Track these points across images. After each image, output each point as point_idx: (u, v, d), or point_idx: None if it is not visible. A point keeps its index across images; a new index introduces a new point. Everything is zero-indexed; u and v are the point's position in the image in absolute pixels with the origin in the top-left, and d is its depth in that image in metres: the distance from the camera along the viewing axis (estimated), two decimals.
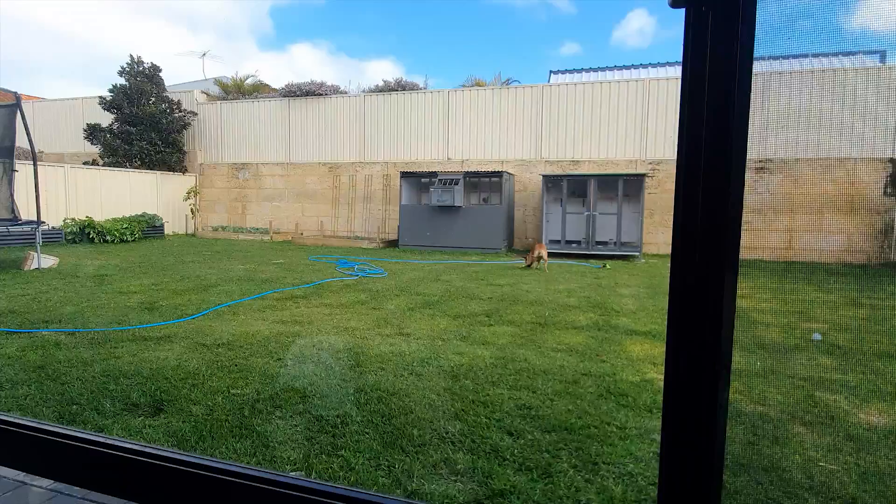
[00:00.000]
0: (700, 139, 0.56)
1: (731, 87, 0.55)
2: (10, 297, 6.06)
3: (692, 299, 0.57)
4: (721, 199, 0.56)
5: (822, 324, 5.17)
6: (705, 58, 0.56)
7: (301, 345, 4.28)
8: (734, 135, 0.56)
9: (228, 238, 15.43)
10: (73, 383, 3.29)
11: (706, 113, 0.56)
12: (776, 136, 5.89)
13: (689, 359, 0.56)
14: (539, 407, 3.06)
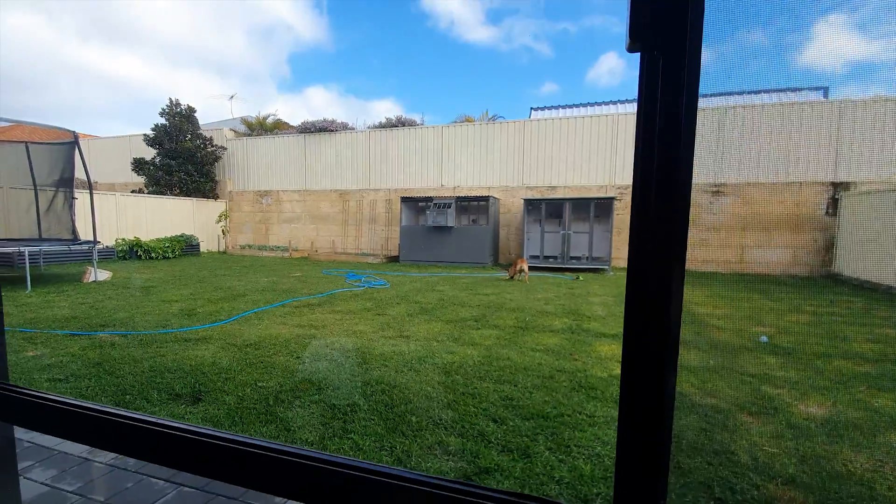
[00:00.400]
0: (651, 167, 0.56)
1: (677, 123, 0.54)
2: (73, 305, 6.07)
3: (645, 303, 0.57)
4: (670, 218, 0.56)
5: (769, 328, 5.23)
6: (655, 96, 0.55)
7: (316, 345, 4.30)
8: (681, 164, 0.56)
9: (254, 255, 15.40)
10: (125, 377, 3.32)
11: (657, 145, 0.55)
12: (729, 163, 5.99)
13: (641, 354, 0.55)
14: (520, 398, 3.10)
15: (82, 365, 3.60)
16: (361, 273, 10.35)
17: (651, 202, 0.57)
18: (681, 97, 0.55)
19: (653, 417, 0.56)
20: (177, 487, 2.13)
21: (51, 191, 8.07)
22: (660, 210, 0.56)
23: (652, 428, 0.56)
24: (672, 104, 0.55)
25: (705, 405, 3.06)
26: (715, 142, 4.62)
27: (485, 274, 10.95)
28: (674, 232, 0.57)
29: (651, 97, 0.56)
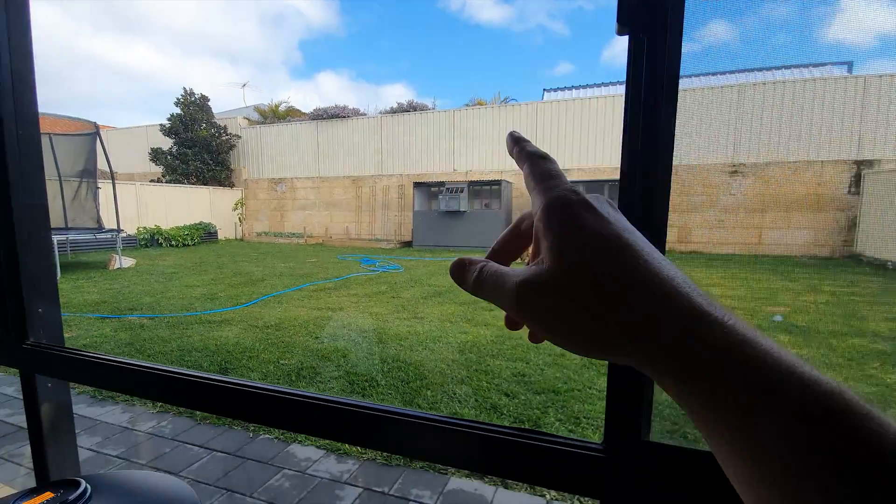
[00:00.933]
0: (637, 148, 0.58)
1: (659, 104, 0.56)
2: (102, 290, 6.33)
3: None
4: (651, 197, 0.57)
5: (785, 307, 5.22)
6: (641, 77, 0.56)
7: (334, 326, 4.45)
8: (662, 145, 0.57)
9: (270, 242, 15.69)
10: (156, 356, 3.52)
11: (641, 126, 0.57)
12: (747, 142, 6.04)
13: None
14: (531, 374, 3.20)
15: (115, 345, 3.82)
16: (375, 258, 10.51)
17: (636, 183, 0.60)
18: (663, 79, 0.56)
19: (634, 379, 0.61)
20: (210, 453, 2.30)
21: (75, 181, 8.34)
22: (645, 190, 0.59)
23: (633, 389, 0.62)
24: (655, 86, 0.57)
25: None
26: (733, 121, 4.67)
27: None
28: (655, 212, 0.60)
29: (636, 81, 0.57)
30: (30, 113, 1.16)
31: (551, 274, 0.23)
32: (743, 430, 0.19)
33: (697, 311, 0.20)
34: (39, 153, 1.19)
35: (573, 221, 0.23)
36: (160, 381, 1.02)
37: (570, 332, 0.22)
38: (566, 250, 0.23)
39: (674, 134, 0.62)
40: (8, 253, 1.13)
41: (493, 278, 0.25)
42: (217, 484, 2.04)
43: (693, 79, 0.69)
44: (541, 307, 0.23)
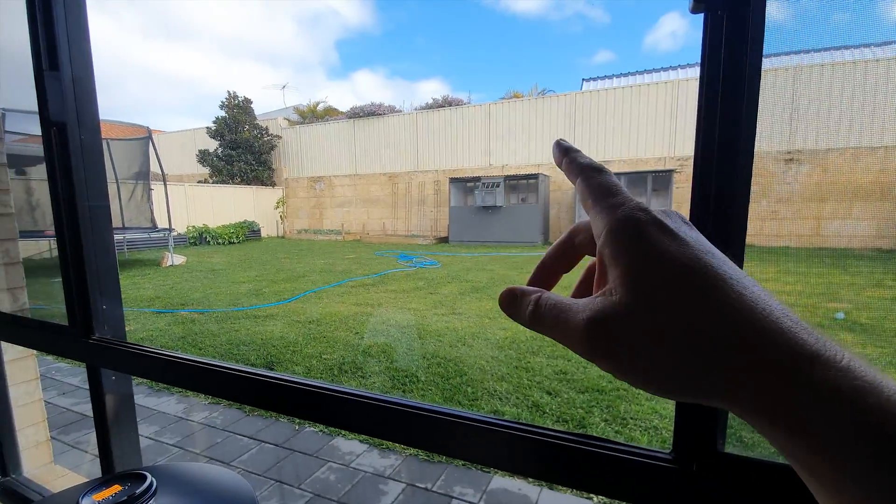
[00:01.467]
0: (713, 134, 0.54)
1: (741, 85, 0.52)
2: (156, 286, 6.70)
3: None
4: (730, 186, 0.54)
5: (846, 303, 4.88)
6: (719, 59, 0.53)
7: (374, 322, 4.52)
8: (743, 129, 0.54)
9: (310, 238, 16.14)
10: (207, 349, 3.70)
11: (719, 110, 0.54)
12: (805, 128, 5.60)
13: None
14: (574, 372, 3.13)
15: (169, 339, 4.03)
16: (412, 254, 10.59)
17: (712, 173, 0.56)
18: (744, 58, 0.52)
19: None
20: (259, 444, 2.39)
21: (131, 183, 8.88)
22: (721, 179, 0.55)
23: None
24: (737, 66, 0.53)
25: None
26: (788, 105, 4.31)
27: (535, 253, 10.85)
28: (734, 203, 0.56)
29: (714, 60, 0.54)
30: (91, 119, 1.21)
31: (628, 309, 0.20)
32: (863, 485, 0.16)
33: (804, 351, 0.18)
34: (101, 157, 1.25)
35: (648, 246, 0.21)
36: (213, 377, 1.05)
37: (653, 375, 0.20)
38: (643, 281, 0.20)
39: (756, 118, 0.56)
40: (75, 252, 1.19)
41: (554, 313, 0.22)
42: (266, 474, 2.11)
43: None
44: (617, 348, 0.20)
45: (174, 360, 1.04)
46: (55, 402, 2.97)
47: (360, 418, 0.89)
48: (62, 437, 2.50)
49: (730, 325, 0.18)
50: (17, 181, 5.68)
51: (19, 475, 1.76)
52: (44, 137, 1.16)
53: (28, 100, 1.18)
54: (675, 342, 0.19)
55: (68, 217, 1.17)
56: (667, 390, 0.20)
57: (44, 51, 1.13)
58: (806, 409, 0.17)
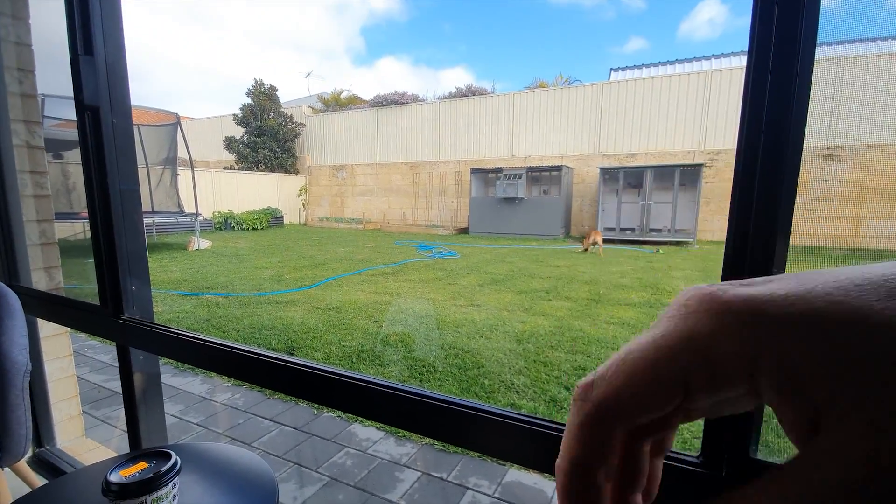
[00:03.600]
0: (760, 125, 0.52)
1: (792, 73, 0.50)
2: (182, 270, 6.90)
3: (744, 272, 0.54)
4: (776, 180, 0.51)
5: None
6: (769, 45, 0.51)
7: (392, 311, 4.55)
8: (792, 124, 0.51)
9: (331, 227, 16.34)
10: (230, 332, 3.79)
11: (767, 99, 0.51)
12: (845, 122, 5.29)
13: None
14: (592, 368, 3.08)
15: (195, 321, 4.15)
16: (432, 244, 10.61)
17: (757, 167, 0.52)
18: (798, 46, 0.49)
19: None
20: (279, 426, 2.44)
21: (160, 168, 9.13)
22: (765, 175, 0.52)
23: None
24: (787, 54, 0.50)
25: None
26: (829, 98, 4.08)
27: (556, 246, 10.74)
28: (779, 201, 0.52)
29: (764, 46, 0.51)
30: (123, 104, 1.23)
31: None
32: None
33: None
34: (132, 142, 1.27)
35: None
36: (236, 360, 1.06)
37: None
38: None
39: (807, 111, 0.53)
40: (106, 235, 1.22)
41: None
42: (285, 457, 2.16)
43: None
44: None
45: (199, 343, 1.06)
46: (87, 378, 3.10)
47: (377, 406, 0.89)
48: (93, 412, 2.61)
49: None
50: (55, 164, 5.89)
51: (53, 446, 1.85)
52: (78, 121, 1.19)
53: (66, 87, 1.21)
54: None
55: (101, 199, 1.21)
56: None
57: (79, 36, 1.15)
58: None
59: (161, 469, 0.71)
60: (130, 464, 0.72)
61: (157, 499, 0.69)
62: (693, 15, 40.68)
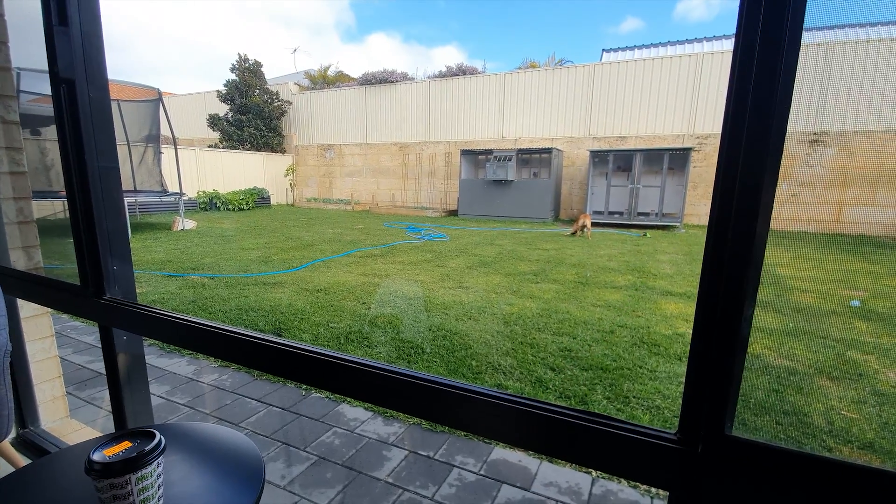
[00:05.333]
0: (745, 109, 0.52)
1: (778, 57, 0.50)
2: (167, 250, 6.79)
3: (722, 259, 0.56)
4: (759, 165, 0.52)
5: (863, 291, 4.81)
6: (756, 27, 0.51)
7: (381, 293, 4.56)
8: (777, 106, 0.51)
9: (319, 208, 16.17)
10: (216, 313, 3.77)
11: (753, 83, 0.51)
12: (832, 109, 5.37)
13: (715, 308, 0.56)
14: (578, 350, 3.15)
15: (180, 302, 4.11)
16: (421, 226, 10.58)
17: (740, 151, 0.53)
18: (784, 28, 0.50)
19: (721, 368, 0.58)
20: (266, 407, 2.46)
21: (141, 146, 8.88)
22: (748, 159, 0.53)
23: (720, 379, 0.58)
24: (774, 37, 0.50)
25: (780, 367, 2.96)
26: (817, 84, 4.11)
27: (545, 229, 10.78)
28: (761, 185, 0.53)
29: (751, 29, 0.51)
30: (100, 77, 1.19)
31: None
32: None
33: None
34: (110, 117, 1.23)
35: None
36: (223, 341, 1.06)
37: None
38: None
39: (791, 94, 0.53)
40: (85, 213, 1.19)
41: None
42: (273, 437, 2.17)
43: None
44: None
45: (184, 323, 1.05)
46: (71, 359, 3.07)
47: (365, 387, 0.90)
48: (77, 393, 2.59)
49: None
50: (32, 141, 5.70)
51: (37, 427, 1.84)
52: (53, 95, 1.15)
53: (43, 60, 1.16)
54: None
55: (78, 177, 1.17)
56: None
57: (53, 5, 1.10)
58: None
59: (145, 448, 0.71)
60: (114, 443, 0.72)
61: (142, 477, 0.69)
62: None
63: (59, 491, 0.82)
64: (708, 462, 0.61)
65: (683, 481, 0.64)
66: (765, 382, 2.77)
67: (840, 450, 2.10)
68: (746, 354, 0.61)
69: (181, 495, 0.79)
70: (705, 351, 0.60)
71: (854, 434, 2.20)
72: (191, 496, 0.80)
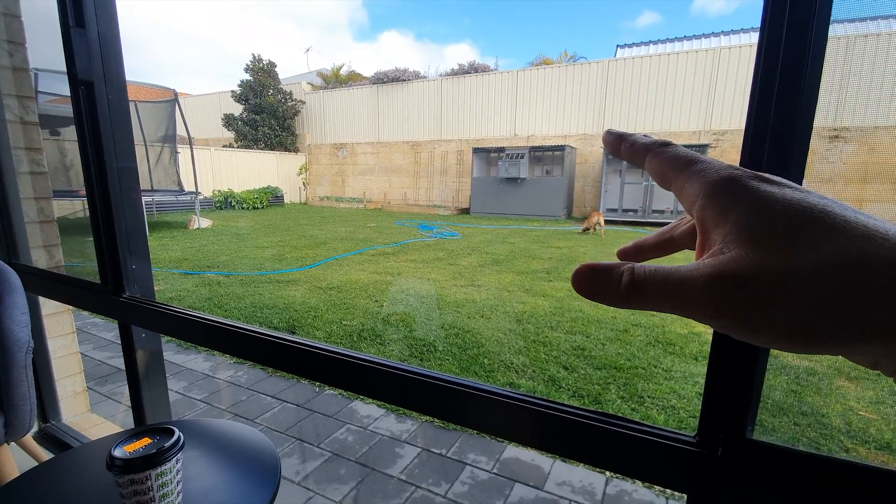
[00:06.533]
0: (770, 104, 0.52)
1: (805, 50, 0.49)
2: (183, 248, 6.91)
3: None
4: (784, 161, 0.52)
5: None
6: (783, 19, 0.50)
7: (393, 290, 4.57)
8: (803, 101, 0.51)
9: (331, 206, 16.27)
10: (232, 311, 3.82)
11: (779, 77, 0.51)
12: (854, 103, 5.21)
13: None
14: (591, 349, 3.13)
15: (196, 299, 4.18)
16: (433, 224, 10.59)
17: (765, 147, 0.52)
18: (812, 21, 0.49)
19: (741, 371, 0.57)
20: (281, 403, 2.48)
21: (158, 145, 9.04)
22: (773, 155, 0.52)
23: (739, 381, 0.57)
24: (800, 30, 0.49)
25: (797, 367, 2.90)
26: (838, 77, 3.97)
27: (557, 227, 10.71)
28: (788, 176, 0.52)
29: (777, 22, 0.50)
30: (118, 78, 1.21)
31: (752, 260, 0.18)
32: None
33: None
34: (128, 118, 1.25)
35: (758, 195, 0.20)
36: (238, 338, 1.07)
37: (797, 329, 0.17)
38: (762, 230, 0.19)
39: (818, 89, 0.51)
40: (105, 213, 1.22)
41: (660, 281, 0.20)
42: (287, 433, 2.20)
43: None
44: (751, 304, 0.18)
45: (200, 321, 1.07)
46: (91, 354, 3.14)
47: (378, 385, 0.90)
48: (98, 388, 2.65)
49: (870, 261, 0.16)
50: (52, 141, 5.83)
51: (59, 422, 1.88)
52: (72, 96, 1.16)
53: (58, 60, 1.18)
54: (819, 288, 0.17)
55: (98, 177, 1.19)
56: (815, 345, 0.18)
57: (70, 7, 1.12)
58: None
59: (164, 444, 0.72)
60: (134, 439, 0.73)
61: (161, 473, 0.70)
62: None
63: (80, 485, 0.84)
64: (728, 466, 0.60)
65: (702, 485, 0.62)
66: (783, 383, 2.72)
67: (857, 450, 2.05)
68: (768, 355, 0.59)
69: (200, 491, 0.80)
70: (725, 352, 0.59)
71: (871, 434, 2.15)
72: (209, 492, 0.81)
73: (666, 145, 0.25)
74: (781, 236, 0.18)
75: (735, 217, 0.19)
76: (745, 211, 0.19)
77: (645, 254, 0.30)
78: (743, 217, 0.19)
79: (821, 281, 0.17)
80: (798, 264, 0.17)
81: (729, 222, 0.20)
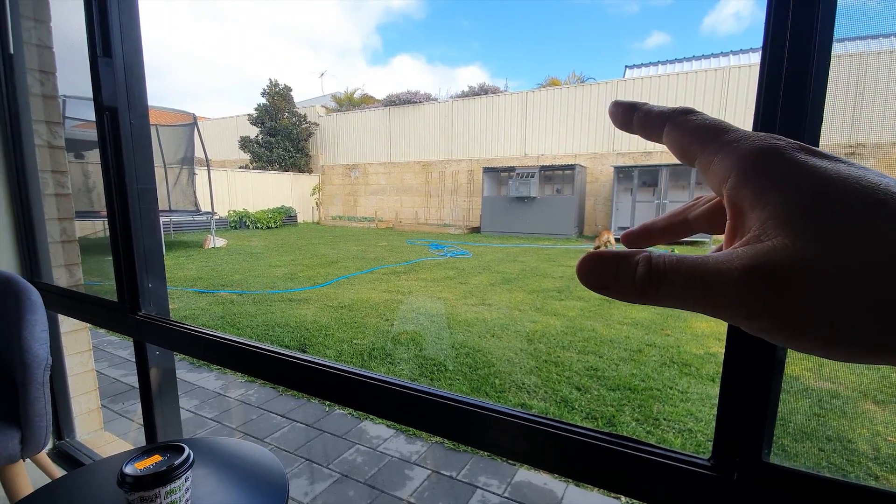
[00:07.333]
0: (774, 121, 0.51)
1: (807, 69, 0.49)
2: (198, 267, 7.02)
3: None
4: None
5: None
6: (784, 39, 0.50)
7: (404, 309, 4.57)
8: (808, 118, 0.50)
9: (344, 225, 16.42)
10: (244, 329, 3.85)
11: (782, 96, 0.50)
12: (870, 120, 5.21)
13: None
14: (605, 369, 3.07)
15: (210, 318, 4.22)
16: (444, 243, 10.61)
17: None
18: (813, 38, 0.49)
19: (757, 392, 0.56)
20: (291, 423, 2.47)
21: (176, 167, 9.29)
22: None
23: (755, 403, 0.56)
24: (803, 47, 0.49)
25: (821, 390, 2.80)
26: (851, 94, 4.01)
27: (568, 246, 10.65)
28: None
29: (778, 42, 0.50)
30: (141, 104, 1.26)
31: (801, 251, 0.15)
32: None
33: None
34: (149, 142, 1.30)
35: (807, 171, 0.16)
36: (250, 357, 1.08)
37: (853, 336, 0.15)
38: (814, 212, 0.15)
39: (823, 107, 0.52)
40: (124, 233, 1.25)
41: (683, 273, 0.16)
42: (297, 453, 2.18)
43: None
44: (795, 304, 0.15)
45: (213, 339, 1.08)
46: (106, 372, 3.18)
47: (388, 405, 0.90)
48: (112, 406, 2.67)
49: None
50: (76, 164, 6.03)
51: (73, 439, 1.90)
52: (97, 121, 1.21)
53: (86, 87, 1.23)
54: (881, 281, 0.14)
55: (119, 198, 1.23)
56: (866, 347, 0.15)
57: (98, 38, 1.18)
58: None
59: (174, 462, 0.72)
60: (145, 457, 0.74)
61: (171, 491, 0.70)
62: (718, 8, 39.70)
63: (92, 502, 0.84)
64: (744, 490, 0.58)
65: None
66: (805, 406, 2.63)
67: (887, 478, 1.96)
68: (784, 376, 0.58)
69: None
70: (739, 372, 0.58)
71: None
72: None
73: (689, 113, 0.21)
74: (836, 222, 0.15)
75: (778, 197, 0.16)
76: (791, 190, 0.16)
77: (653, 237, 0.26)
78: (788, 197, 0.16)
79: (885, 278, 0.14)
80: (857, 257, 0.14)
81: (770, 204, 0.16)
